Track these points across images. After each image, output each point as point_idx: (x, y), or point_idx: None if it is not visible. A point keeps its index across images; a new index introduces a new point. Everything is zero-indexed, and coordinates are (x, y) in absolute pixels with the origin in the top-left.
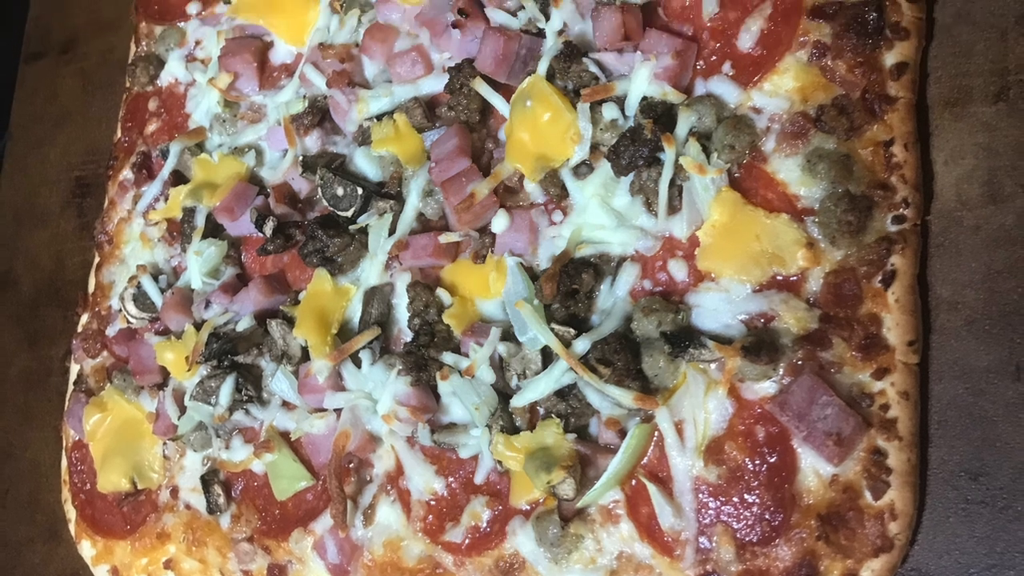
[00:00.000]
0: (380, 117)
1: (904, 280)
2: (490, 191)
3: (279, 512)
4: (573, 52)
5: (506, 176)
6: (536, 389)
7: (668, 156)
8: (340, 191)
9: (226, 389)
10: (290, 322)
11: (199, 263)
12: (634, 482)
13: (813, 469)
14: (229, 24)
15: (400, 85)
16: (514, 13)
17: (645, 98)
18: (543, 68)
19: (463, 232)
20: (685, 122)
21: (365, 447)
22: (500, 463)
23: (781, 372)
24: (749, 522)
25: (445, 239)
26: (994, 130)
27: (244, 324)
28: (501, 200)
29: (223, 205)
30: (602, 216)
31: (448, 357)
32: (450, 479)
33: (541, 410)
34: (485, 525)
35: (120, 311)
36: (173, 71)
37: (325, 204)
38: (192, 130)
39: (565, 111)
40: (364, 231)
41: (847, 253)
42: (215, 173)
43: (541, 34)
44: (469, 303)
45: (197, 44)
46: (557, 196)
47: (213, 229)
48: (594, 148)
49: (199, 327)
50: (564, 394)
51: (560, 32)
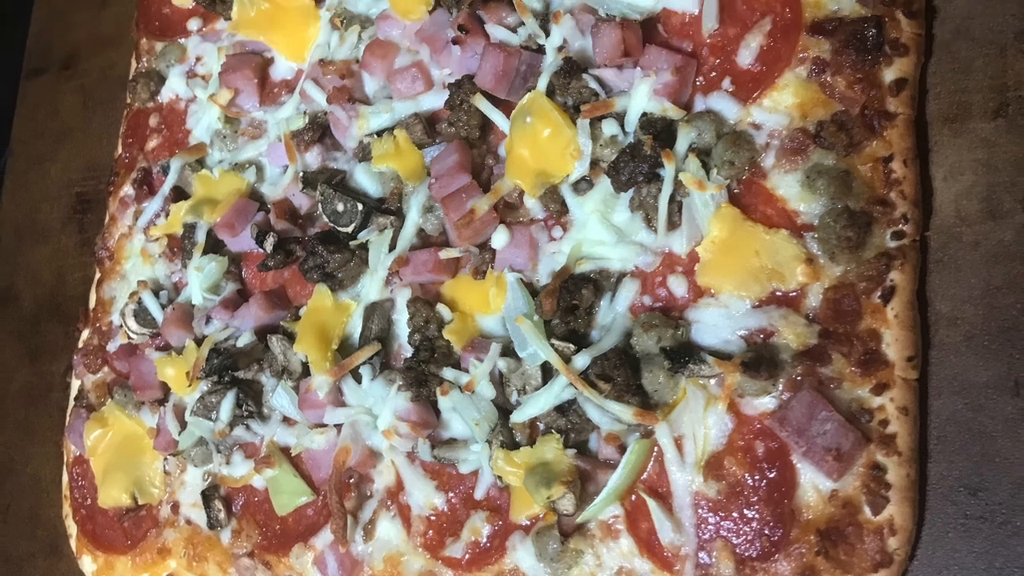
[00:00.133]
0: (380, 133)
1: (903, 296)
2: (490, 207)
3: (280, 527)
4: (573, 68)
5: (506, 192)
6: (536, 404)
7: (668, 172)
8: (340, 207)
9: (227, 404)
10: (291, 338)
11: (200, 279)
12: (634, 497)
13: (812, 484)
14: (230, 40)
15: (400, 101)
16: (514, 29)
17: (645, 114)
18: (543, 84)
19: (463, 248)
20: (685, 138)
21: (365, 462)
22: (500, 478)
23: (780, 388)
24: (749, 537)
25: (445, 255)
26: (993, 146)
27: (245, 340)
28: (501, 216)
29: (224, 221)
30: (602, 232)
31: (448, 372)
32: (450, 494)
33: (541, 425)
34: (485, 540)
35: (121, 327)
36: (174, 87)
37: (325, 220)
38: (193, 146)
39: (565, 127)
40: (364, 247)
41: (846, 269)
42: (216, 189)
43: (541, 50)
44: (469, 319)
45: (198, 60)
46: (557, 212)
47: (214, 245)
48: (594, 164)
49: (200, 343)
50: (564, 409)
51: (560, 48)
